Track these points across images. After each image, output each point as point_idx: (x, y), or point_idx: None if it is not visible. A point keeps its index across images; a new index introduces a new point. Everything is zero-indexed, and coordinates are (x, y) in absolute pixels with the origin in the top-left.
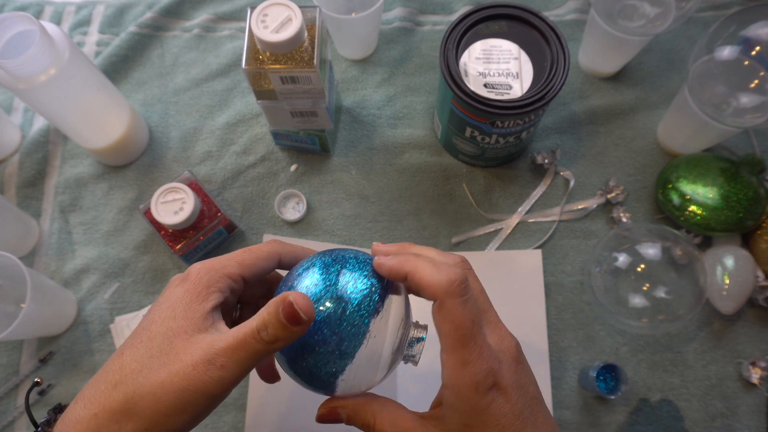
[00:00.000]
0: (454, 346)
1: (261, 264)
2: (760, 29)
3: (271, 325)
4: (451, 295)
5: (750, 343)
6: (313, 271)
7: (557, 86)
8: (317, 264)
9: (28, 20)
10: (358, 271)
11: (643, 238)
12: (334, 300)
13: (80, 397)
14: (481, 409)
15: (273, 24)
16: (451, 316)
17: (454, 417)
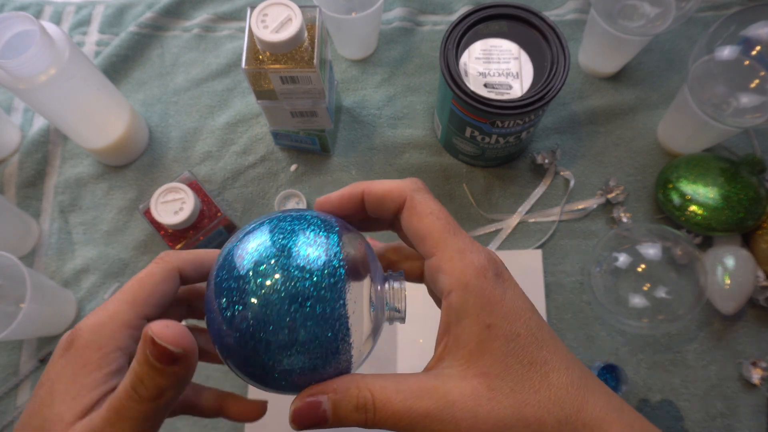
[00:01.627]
0: (443, 237)
1: (159, 292)
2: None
3: (146, 375)
4: (418, 191)
5: (750, 343)
6: (241, 249)
7: (557, 86)
8: (241, 241)
9: (28, 20)
10: (301, 229)
11: (644, 238)
12: (285, 276)
13: None
14: (497, 300)
15: (273, 24)
16: (427, 208)
17: (470, 326)
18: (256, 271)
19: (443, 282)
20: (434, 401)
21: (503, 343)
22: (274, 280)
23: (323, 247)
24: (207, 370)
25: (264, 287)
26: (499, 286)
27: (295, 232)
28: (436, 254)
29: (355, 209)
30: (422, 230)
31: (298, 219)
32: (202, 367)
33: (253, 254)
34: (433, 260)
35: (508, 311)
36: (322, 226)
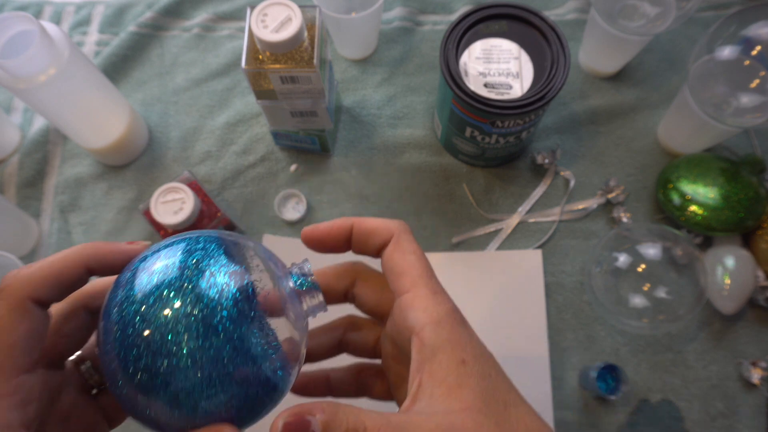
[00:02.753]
0: (422, 276)
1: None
2: (761, 29)
3: None
4: (406, 231)
5: (751, 344)
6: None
7: (557, 86)
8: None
9: (28, 20)
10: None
11: (644, 238)
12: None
13: None
14: (468, 340)
15: (273, 24)
16: (411, 246)
17: (447, 361)
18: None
19: (415, 318)
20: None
21: (479, 380)
22: (169, 317)
23: (218, 274)
24: None
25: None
26: (466, 330)
27: (182, 262)
28: (411, 291)
29: (341, 242)
30: (404, 266)
31: (174, 246)
32: None
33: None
34: (406, 297)
35: (479, 353)
36: (205, 248)
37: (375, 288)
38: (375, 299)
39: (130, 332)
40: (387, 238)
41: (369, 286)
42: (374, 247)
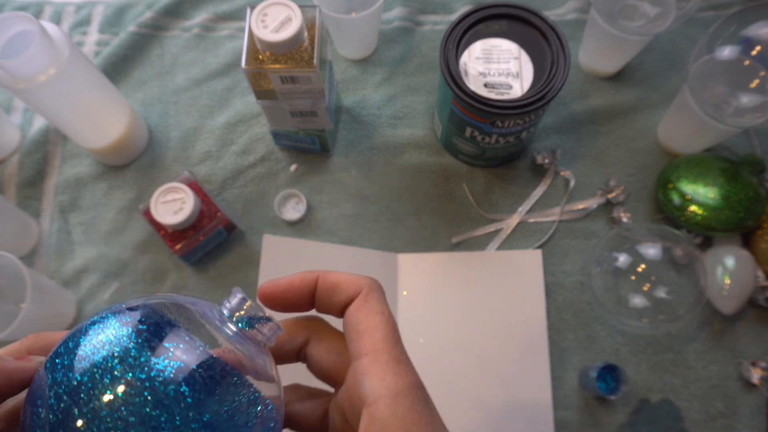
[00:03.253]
0: (385, 340)
1: None
2: (761, 29)
3: None
4: (376, 289)
5: (750, 344)
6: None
7: (557, 86)
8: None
9: (28, 20)
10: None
11: (644, 238)
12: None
13: None
14: (429, 421)
15: (273, 24)
16: (380, 306)
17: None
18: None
19: (370, 386)
20: None
21: None
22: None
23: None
24: None
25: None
26: (428, 409)
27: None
28: (370, 355)
29: (304, 300)
30: (367, 326)
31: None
32: None
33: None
34: (364, 361)
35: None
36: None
37: (331, 349)
38: (330, 362)
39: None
40: (354, 294)
41: (325, 346)
42: (339, 304)
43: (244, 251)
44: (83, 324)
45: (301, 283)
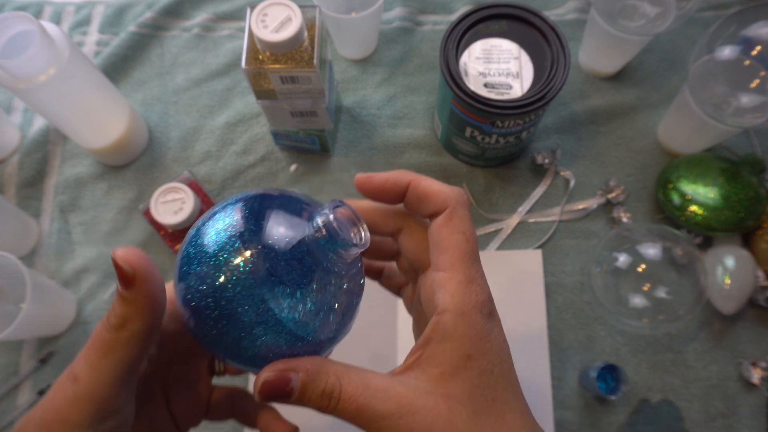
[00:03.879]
0: (463, 261)
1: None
2: (761, 29)
3: (115, 303)
4: (462, 205)
5: (750, 344)
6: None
7: (557, 86)
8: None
9: (28, 20)
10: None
11: (644, 238)
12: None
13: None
14: (484, 336)
15: (273, 24)
16: (463, 226)
17: (451, 350)
18: (218, 254)
19: (441, 299)
20: (397, 407)
21: (475, 376)
22: (240, 261)
23: (293, 222)
24: None
25: (231, 269)
26: (489, 323)
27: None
28: (447, 272)
29: (393, 199)
30: (449, 244)
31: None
32: None
33: (216, 237)
34: (441, 276)
35: (489, 349)
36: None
37: (420, 244)
38: (417, 255)
39: (204, 286)
40: (441, 208)
41: (415, 240)
42: (425, 213)
43: None
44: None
45: (393, 185)
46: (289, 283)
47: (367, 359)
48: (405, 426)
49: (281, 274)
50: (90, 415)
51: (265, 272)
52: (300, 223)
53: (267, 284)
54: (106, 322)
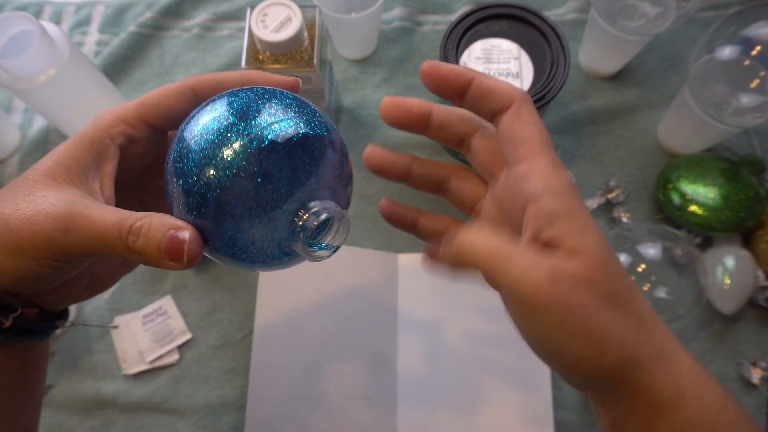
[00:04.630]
0: (542, 148)
1: (166, 102)
2: (761, 29)
3: (147, 242)
4: (528, 102)
5: (750, 344)
6: (224, 103)
7: (557, 86)
8: (234, 96)
9: (28, 20)
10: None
11: (644, 238)
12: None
13: None
14: (585, 213)
15: (273, 24)
16: (533, 118)
17: (567, 225)
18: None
19: (533, 187)
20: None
21: (600, 246)
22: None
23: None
24: (207, 370)
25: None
26: (582, 202)
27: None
28: (530, 161)
29: (456, 90)
30: (524, 136)
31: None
32: (202, 367)
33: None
34: (524, 166)
35: (590, 226)
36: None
37: (493, 147)
38: (490, 158)
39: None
40: (506, 104)
41: (488, 144)
42: (490, 109)
43: None
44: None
45: (457, 77)
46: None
47: (367, 359)
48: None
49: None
50: (55, 259)
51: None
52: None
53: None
54: (123, 234)
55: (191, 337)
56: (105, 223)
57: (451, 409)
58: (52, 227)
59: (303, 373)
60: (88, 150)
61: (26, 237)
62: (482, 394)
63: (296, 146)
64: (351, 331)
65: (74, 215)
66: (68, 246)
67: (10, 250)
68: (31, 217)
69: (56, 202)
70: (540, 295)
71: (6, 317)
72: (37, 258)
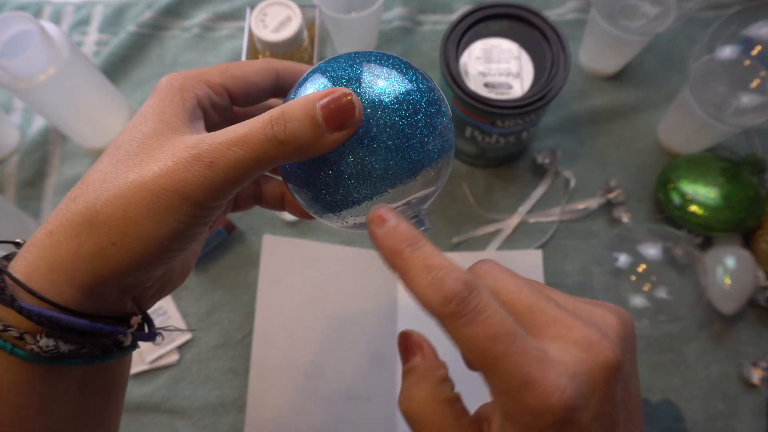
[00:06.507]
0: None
1: (251, 77)
2: (761, 29)
3: (300, 121)
4: (451, 316)
5: (751, 344)
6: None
7: (558, 86)
8: (341, 60)
9: (28, 20)
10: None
11: (644, 239)
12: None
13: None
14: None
15: (272, 23)
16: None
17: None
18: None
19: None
20: None
21: None
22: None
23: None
24: (207, 370)
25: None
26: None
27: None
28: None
29: None
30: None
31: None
32: (202, 367)
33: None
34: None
35: None
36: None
37: None
38: None
39: None
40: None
41: None
42: None
43: (244, 251)
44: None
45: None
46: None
47: (367, 359)
48: None
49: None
50: (210, 199)
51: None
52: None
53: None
54: (268, 128)
55: (191, 338)
56: (242, 134)
57: None
58: (200, 166)
59: (303, 373)
60: (182, 106)
61: (176, 189)
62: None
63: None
64: (351, 331)
65: (211, 146)
66: (223, 178)
67: (162, 212)
68: (172, 168)
69: (185, 147)
70: None
71: (125, 334)
72: (191, 210)
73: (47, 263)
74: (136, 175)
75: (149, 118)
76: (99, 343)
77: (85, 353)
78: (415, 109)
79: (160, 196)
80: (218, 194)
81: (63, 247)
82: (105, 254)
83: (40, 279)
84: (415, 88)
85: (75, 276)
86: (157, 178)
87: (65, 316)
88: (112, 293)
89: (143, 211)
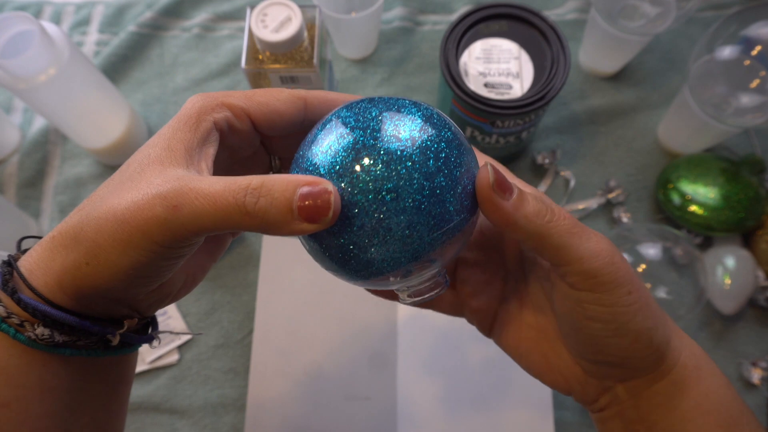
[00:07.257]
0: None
1: (275, 105)
2: (761, 29)
3: (272, 202)
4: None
5: (750, 344)
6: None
7: (558, 86)
8: (359, 107)
9: (28, 20)
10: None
11: (644, 238)
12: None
13: None
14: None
15: (273, 23)
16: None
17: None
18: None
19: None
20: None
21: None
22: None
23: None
24: (207, 370)
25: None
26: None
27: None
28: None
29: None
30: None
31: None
32: (202, 367)
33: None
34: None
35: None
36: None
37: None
38: None
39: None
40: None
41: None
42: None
43: (244, 251)
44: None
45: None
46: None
47: (367, 359)
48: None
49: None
50: (170, 242)
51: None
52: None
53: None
54: (241, 195)
55: (191, 337)
56: (214, 190)
57: (451, 409)
58: (163, 207)
59: (303, 373)
60: (193, 132)
61: (137, 225)
62: (482, 394)
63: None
64: (351, 331)
65: (182, 190)
66: (181, 225)
67: (124, 244)
68: (139, 202)
69: (163, 183)
70: (615, 270)
71: (113, 334)
72: (151, 247)
73: (44, 266)
74: (116, 202)
75: (159, 142)
76: (91, 339)
77: (81, 345)
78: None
79: (123, 228)
80: (177, 239)
81: (56, 255)
82: (81, 271)
83: (38, 278)
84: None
85: (63, 282)
86: (125, 210)
87: (57, 312)
88: (98, 302)
89: (108, 239)
